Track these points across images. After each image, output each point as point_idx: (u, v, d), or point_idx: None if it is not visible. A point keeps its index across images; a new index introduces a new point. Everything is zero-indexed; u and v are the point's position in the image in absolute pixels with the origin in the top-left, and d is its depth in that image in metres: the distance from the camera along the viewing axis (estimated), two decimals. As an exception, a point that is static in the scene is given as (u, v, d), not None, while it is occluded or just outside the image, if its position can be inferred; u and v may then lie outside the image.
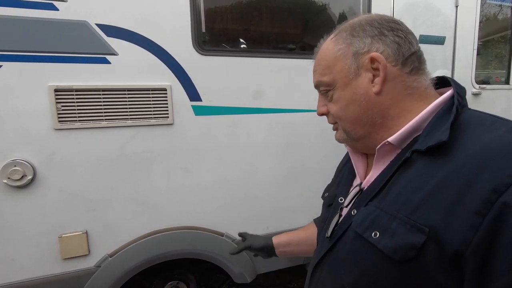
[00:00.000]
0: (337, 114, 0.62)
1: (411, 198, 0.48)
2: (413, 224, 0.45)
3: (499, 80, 2.39)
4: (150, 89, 1.42)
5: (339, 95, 0.60)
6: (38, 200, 1.34)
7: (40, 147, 1.31)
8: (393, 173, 0.53)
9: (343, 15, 1.82)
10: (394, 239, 0.47)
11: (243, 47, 1.64)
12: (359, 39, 0.57)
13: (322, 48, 0.64)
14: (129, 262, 1.49)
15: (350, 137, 0.63)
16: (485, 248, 0.39)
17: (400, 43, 0.56)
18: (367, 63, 0.56)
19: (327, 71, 0.61)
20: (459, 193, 0.42)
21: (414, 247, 0.44)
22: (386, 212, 0.50)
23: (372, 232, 0.51)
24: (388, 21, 0.58)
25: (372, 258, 0.50)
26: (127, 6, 1.35)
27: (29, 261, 1.36)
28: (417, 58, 0.58)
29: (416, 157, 0.51)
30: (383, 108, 0.56)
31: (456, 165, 0.45)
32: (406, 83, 0.56)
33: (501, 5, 2.37)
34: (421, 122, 0.53)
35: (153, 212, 1.52)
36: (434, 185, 0.45)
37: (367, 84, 0.56)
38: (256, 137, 1.66)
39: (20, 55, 1.24)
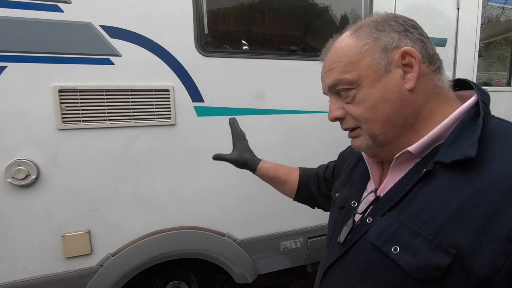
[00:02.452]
0: (364, 116, 0.55)
1: (435, 215, 0.45)
2: (438, 244, 0.43)
3: (500, 82, 2.39)
4: (153, 90, 1.43)
5: (366, 94, 0.54)
6: (41, 199, 1.35)
7: (44, 147, 1.32)
8: (413, 185, 0.50)
9: (344, 17, 1.83)
10: (417, 258, 0.45)
11: (245, 48, 1.65)
12: (386, 33, 0.53)
13: (337, 45, 0.58)
14: (131, 262, 1.51)
15: (376, 142, 0.56)
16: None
17: (425, 41, 0.54)
18: (398, 58, 0.52)
19: (350, 67, 0.54)
20: (490, 215, 0.40)
21: (439, 268, 0.42)
22: (407, 227, 0.47)
23: (392, 247, 0.48)
24: (409, 19, 0.56)
25: (391, 274, 0.48)
26: (130, 7, 1.36)
27: (32, 260, 1.38)
28: (438, 58, 0.55)
29: (439, 169, 0.48)
30: (416, 107, 0.53)
31: (485, 184, 0.42)
32: (434, 81, 0.53)
33: (503, 7, 2.38)
34: (444, 131, 0.51)
35: (155, 212, 1.53)
36: (461, 204, 0.43)
37: (399, 80, 0.52)
38: (257, 138, 1.67)
39: (25, 56, 1.25)
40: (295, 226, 1.83)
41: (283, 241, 1.82)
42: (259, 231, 1.77)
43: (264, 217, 1.76)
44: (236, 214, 1.70)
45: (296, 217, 1.83)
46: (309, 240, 1.87)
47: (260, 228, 1.76)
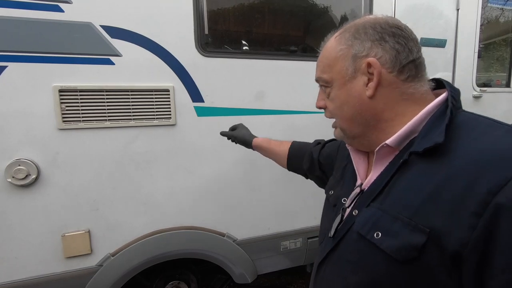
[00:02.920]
0: (334, 112, 0.65)
1: (412, 200, 0.49)
2: (415, 225, 0.47)
3: (500, 83, 2.40)
4: (153, 90, 1.44)
5: (335, 94, 0.62)
6: (41, 199, 1.35)
7: (44, 146, 1.33)
8: (392, 175, 0.55)
9: (344, 17, 1.83)
10: (397, 240, 0.48)
11: (245, 49, 1.65)
12: (360, 41, 0.57)
13: (327, 44, 0.65)
14: (131, 262, 1.51)
15: (346, 135, 0.65)
16: (482, 247, 0.41)
17: (399, 50, 0.56)
18: (364, 67, 0.57)
19: (327, 69, 0.62)
20: (458, 195, 0.44)
21: (416, 247, 0.46)
22: (388, 213, 0.52)
23: (374, 233, 0.52)
24: (391, 25, 0.58)
25: (376, 258, 0.51)
26: (131, 8, 1.36)
27: (32, 260, 1.38)
28: (415, 66, 0.57)
29: (414, 159, 0.52)
30: (376, 111, 0.58)
31: (454, 168, 0.46)
32: (401, 89, 0.57)
33: (502, 8, 2.38)
34: (417, 125, 0.55)
35: (155, 212, 1.54)
36: (434, 188, 0.47)
37: (361, 87, 0.58)
38: (257, 138, 1.67)
39: (25, 55, 1.25)
40: (295, 226, 1.83)
41: (283, 241, 1.82)
42: (259, 231, 1.77)
43: (263, 217, 1.77)
44: (236, 214, 1.70)
45: (296, 217, 1.83)
46: (309, 240, 1.87)
47: (260, 228, 1.77)
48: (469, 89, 2.16)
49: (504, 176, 0.41)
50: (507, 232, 0.39)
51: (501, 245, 0.39)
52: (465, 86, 2.14)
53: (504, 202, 0.39)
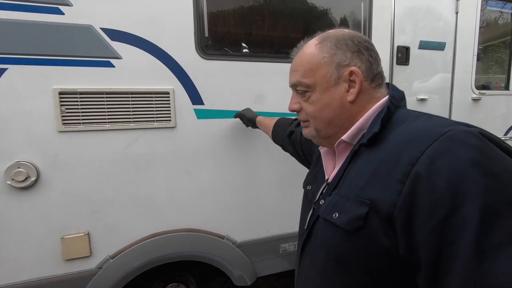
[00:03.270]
0: (313, 114, 0.70)
1: (359, 181, 0.59)
2: (360, 200, 0.56)
3: (499, 85, 2.41)
4: (153, 92, 1.44)
5: (317, 98, 0.67)
6: (41, 201, 1.35)
7: (44, 149, 1.32)
8: (347, 165, 0.65)
9: (344, 20, 1.84)
10: (347, 215, 0.58)
11: (245, 51, 1.65)
12: (342, 52, 0.65)
13: (305, 50, 0.69)
14: (130, 264, 1.51)
15: (319, 135, 0.72)
16: (407, 207, 0.49)
17: (372, 63, 0.66)
18: (346, 75, 0.64)
19: (309, 74, 0.67)
20: (389, 170, 0.54)
21: (361, 217, 0.55)
22: (343, 196, 0.62)
23: (333, 214, 0.61)
24: (364, 40, 0.67)
25: (336, 235, 0.61)
26: (131, 10, 1.37)
27: (31, 262, 1.37)
28: (381, 76, 0.68)
29: (362, 149, 0.63)
30: (352, 115, 0.66)
31: (387, 149, 0.57)
32: (372, 94, 0.66)
33: (501, 11, 2.39)
34: (366, 122, 0.65)
35: (155, 214, 1.53)
36: (374, 168, 0.57)
37: (343, 92, 0.65)
38: (257, 141, 1.68)
39: (26, 58, 1.26)
40: (295, 228, 1.82)
41: (282, 243, 1.82)
42: (259, 234, 1.77)
43: (263, 219, 1.77)
44: (236, 216, 1.70)
45: (296, 219, 1.82)
46: (308, 243, 1.87)
47: (259, 230, 1.77)
48: (468, 92, 2.17)
49: (419, 150, 0.50)
50: (424, 192, 0.47)
51: (421, 203, 0.47)
52: (464, 89, 2.15)
53: (419, 170, 0.48)
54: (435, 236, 0.45)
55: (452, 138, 0.49)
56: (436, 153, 0.48)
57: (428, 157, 0.48)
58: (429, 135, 0.51)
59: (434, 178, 0.46)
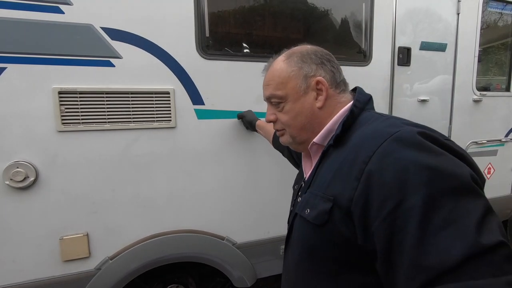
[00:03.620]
0: (287, 123, 0.76)
1: (325, 179, 0.65)
2: (326, 197, 0.62)
3: (500, 87, 2.40)
4: (153, 92, 1.43)
5: (290, 107, 0.75)
6: (40, 201, 1.34)
7: (43, 149, 1.31)
8: (319, 164, 0.71)
9: (345, 21, 1.83)
10: (316, 210, 0.63)
11: (246, 51, 1.65)
12: (307, 64, 0.73)
13: (274, 66, 0.77)
14: (129, 265, 1.49)
15: (295, 141, 0.79)
16: (362, 201, 0.54)
17: (334, 72, 0.75)
18: (314, 84, 0.72)
19: (281, 86, 0.74)
20: (349, 168, 0.59)
21: (326, 211, 0.61)
22: (313, 193, 0.67)
23: (305, 210, 0.67)
24: (326, 53, 0.76)
25: (307, 229, 0.66)
26: (132, 10, 1.36)
27: (30, 263, 1.36)
28: (344, 83, 0.77)
29: (330, 150, 0.69)
30: (322, 119, 0.74)
31: (348, 149, 0.63)
32: (337, 99, 0.74)
33: (501, 13, 2.39)
34: (334, 124, 0.72)
35: (154, 215, 1.52)
36: (337, 166, 0.63)
37: (312, 100, 0.73)
38: (258, 142, 1.67)
39: (25, 57, 1.25)
40: (295, 229, 1.82)
41: (282, 245, 1.80)
42: (259, 235, 1.76)
43: (263, 220, 1.76)
44: (236, 217, 1.69)
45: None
46: (309, 244, 1.86)
47: (259, 231, 1.76)
48: (469, 93, 2.16)
49: (371, 149, 0.56)
50: (376, 187, 0.53)
51: (373, 197, 0.53)
52: (465, 90, 2.15)
53: (371, 168, 0.54)
54: (386, 225, 0.50)
55: (398, 138, 0.55)
56: (384, 152, 0.54)
57: (378, 155, 0.55)
58: (380, 136, 0.57)
59: (383, 174, 0.52)
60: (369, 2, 1.80)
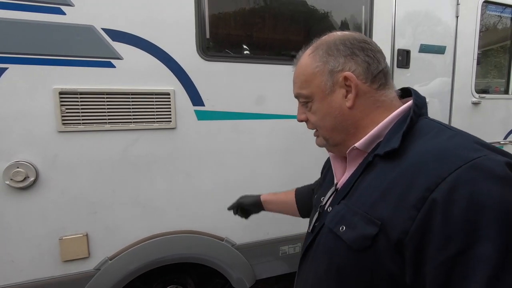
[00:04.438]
0: (316, 124, 0.69)
1: (370, 196, 0.56)
2: (369, 218, 0.53)
3: (498, 89, 2.41)
4: (153, 93, 1.44)
5: (317, 107, 0.67)
6: (40, 201, 1.34)
7: (44, 149, 1.32)
8: (359, 175, 0.61)
9: (345, 23, 1.84)
10: (355, 232, 0.55)
11: (246, 53, 1.66)
12: (334, 58, 0.63)
13: (301, 62, 0.69)
14: (128, 266, 1.49)
15: (328, 143, 0.70)
16: (419, 236, 0.46)
17: (370, 62, 0.62)
18: (341, 80, 0.62)
19: (305, 85, 0.67)
20: (404, 191, 0.50)
21: (369, 237, 0.52)
22: (351, 209, 0.58)
23: (340, 227, 0.58)
24: (359, 40, 0.64)
25: (340, 248, 0.58)
26: (133, 11, 1.37)
27: (29, 263, 1.36)
28: (384, 75, 0.64)
29: (377, 160, 0.59)
30: (355, 120, 0.64)
31: (403, 168, 0.53)
32: (375, 97, 0.63)
33: (500, 16, 2.40)
34: (382, 130, 0.61)
35: (154, 215, 1.53)
36: (387, 185, 0.53)
37: (341, 99, 0.63)
38: (257, 142, 1.67)
39: (26, 57, 1.25)
40: (294, 231, 1.83)
41: (282, 246, 1.81)
42: (258, 236, 1.76)
43: (263, 221, 1.76)
44: (235, 218, 1.69)
45: (295, 222, 1.81)
46: (308, 245, 1.86)
47: (259, 233, 1.76)
48: (468, 96, 2.17)
49: (439, 175, 0.46)
50: (439, 223, 0.44)
51: (434, 234, 0.45)
52: (464, 93, 2.16)
53: (437, 198, 0.45)
54: (444, 270, 0.43)
55: (477, 167, 0.45)
56: (458, 181, 0.44)
57: (448, 185, 0.45)
58: (452, 159, 0.47)
59: (451, 209, 0.44)
60: (368, 4, 1.81)
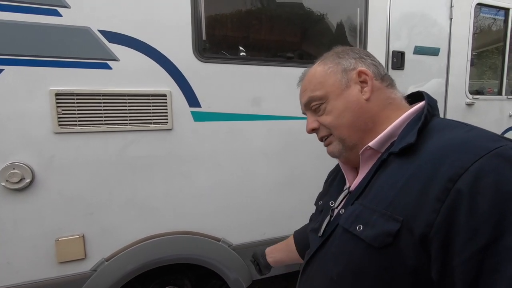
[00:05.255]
0: (333, 123, 0.68)
1: (387, 193, 0.54)
2: (390, 215, 0.52)
3: (492, 91, 2.44)
4: (150, 94, 1.44)
5: (333, 106, 0.67)
6: (36, 203, 1.34)
7: (40, 150, 1.32)
8: (373, 174, 0.60)
9: (340, 25, 1.86)
10: (374, 229, 0.53)
11: (242, 54, 1.67)
12: (345, 59, 0.68)
13: (309, 73, 0.72)
14: (125, 267, 1.49)
15: (345, 146, 0.68)
16: (445, 228, 0.45)
17: (377, 65, 0.68)
18: (355, 77, 0.66)
19: (319, 86, 0.68)
20: (425, 184, 0.49)
21: (390, 234, 0.50)
22: (368, 207, 0.57)
23: (357, 226, 0.57)
24: (363, 50, 0.71)
25: (357, 248, 0.56)
26: (129, 13, 1.37)
27: (25, 265, 1.36)
28: (389, 78, 0.69)
29: (391, 158, 0.58)
30: (373, 113, 0.65)
31: (421, 161, 0.52)
32: (386, 94, 0.66)
33: (494, 18, 2.43)
34: (396, 129, 0.62)
35: (151, 216, 1.53)
36: (405, 180, 0.52)
37: (357, 93, 0.65)
38: (254, 144, 1.68)
39: (22, 59, 1.25)
40: (291, 231, 1.83)
41: (278, 246, 1.82)
42: (255, 236, 1.77)
43: (259, 222, 1.77)
44: (232, 219, 1.70)
45: (291, 222, 1.83)
46: (304, 246, 1.87)
47: (255, 233, 1.77)
48: (462, 97, 2.20)
49: (461, 165, 0.45)
50: (465, 214, 0.43)
51: (461, 225, 0.43)
52: (458, 94, 2.18)
53: (461, 188, 0.44)
54: (473, 263, 0.42)
55: (501, 156, 0.44)
56: (482, 171, 0.43)
57: (472, 174, 0.44)
58: (474, 150, 0.46)
59: (478, 199, 0.42)
60: (363, 7, 1.83)
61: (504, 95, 2.41)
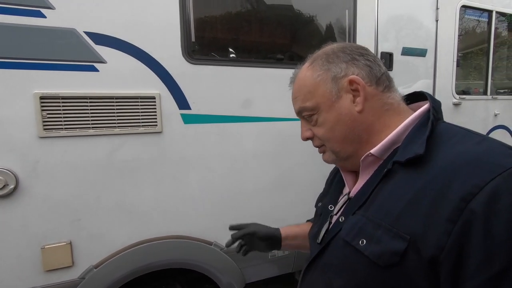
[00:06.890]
0: (325, 136, 0.65)
1: (393, 207, 0.51)
2: (396, 232, 0.49)
3: (478, 91, 2.50)
4: (138, 97, 1.42)
5: (324, 118, 0.63)
6: (20, 210, 1.30)
7: (24, 155, 1.28)
8: (377, 183, 0.57)
9: (330, 26, 1.87)
10: (379, 246, 0.50)
11: (232, 56, 1.66)
12: (335, 64, 0.62)
13: (299, 76, 0.67)
14: (114, 273, 1.46)
15: (339, 157, 0.65)
16: (457, 251, 0.43)
17: (371, 66, 0.61)
18: (346, 85, 0.60)
19: (309, 96, 0.64)
20: (434, 202, 0.46)
21: (397, 253, 0.48)
22: (371, 220, 0.54)
23: (359, 240, 0.54)
24: (357, 47, 0.64)
25: (360, 264, 0.53)
26: (116, 14, 1.35)
27: (9, 274, 1.31)
28: (387, 78, 0.63)
29: (396, 168, 0.55)
30: (368, 124, 0.61)
31: (431, 176, 0.49)
32: (383, 100, 0.61)
33: (478, 20, 2.49)
34: (400, 135, 0.58)
35: (140, 221, 1.50)
36: (413, 195, 0.49)
37: (349, 104, 0.61)
38: (245, 146, 1.67)
39: (5, 62, 1.21)
40: (283, 233, 1.83)
41: (271, 248, 1.81)
42: (247, 239, 1.75)
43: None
44: (224, 222, 1.68)
45: (283, 224, 1.81)
46: (297, 247, 1.86)
47: (247, 236, 1.75)
48: (449, 97, 2.24)
49: (475, 184, 0.43)
50: (479, 237, 0.41)
51: (474, 249, 0.41)
52: (445, 94, 2.22)
53: (475, 209, 0.41)
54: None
55: None
56: (498, 191, 0.41)
57: (487, 195, 0.41)
58: (488, 167, 0.44)
59: (493, 221, 0.40)
60: (352, 9, 1.85)
61: (489, 95, 2.48)
